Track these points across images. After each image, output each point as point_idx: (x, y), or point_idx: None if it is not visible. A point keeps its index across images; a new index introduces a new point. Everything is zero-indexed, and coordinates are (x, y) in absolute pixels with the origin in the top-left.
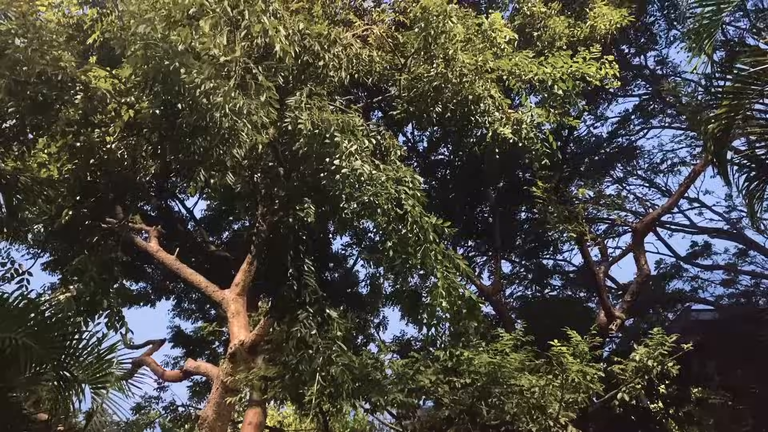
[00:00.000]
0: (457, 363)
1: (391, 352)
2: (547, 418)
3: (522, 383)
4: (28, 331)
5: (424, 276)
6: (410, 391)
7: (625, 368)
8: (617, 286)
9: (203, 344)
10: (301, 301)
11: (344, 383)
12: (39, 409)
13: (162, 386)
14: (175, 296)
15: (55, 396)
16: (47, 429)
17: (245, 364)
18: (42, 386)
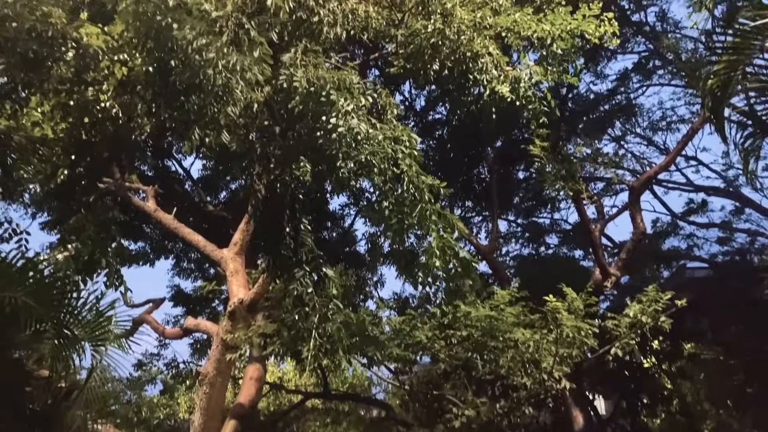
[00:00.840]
0: (453, 319)
1: (389, 310)
2: (541, 372)
3: (517, 337)
4: (27, 290)
5: (421, 236)
6: (407, 347)
7: (619, 324)
8: (613, 244)
9: (203, 303)
10: (297, 259)
11: (341, 339)
12: (41, 367)
13: (163, 344)
14: (174, 256)
15: (56, 354)
16: (48, 385)
17: (244, 322)
18: (43, 344)
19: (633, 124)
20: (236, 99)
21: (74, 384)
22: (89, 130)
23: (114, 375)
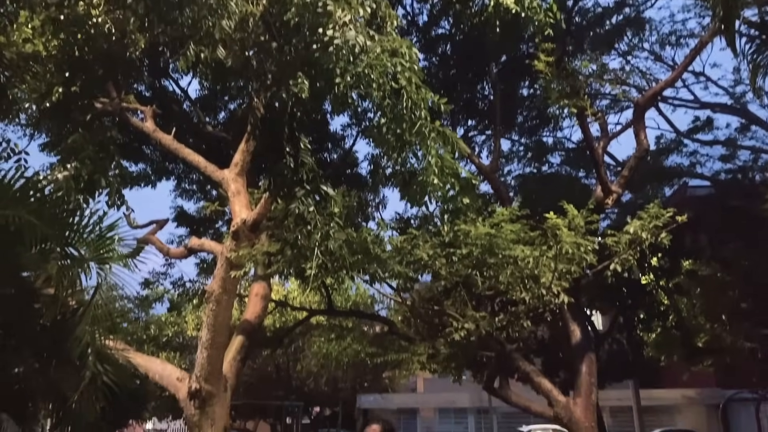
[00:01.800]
0: (454, 237)
1: (391, 229)
2: (540, 287)
3: (516, 254)
4: (29, 209)
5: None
6: (408, 265)
7: (619, 241)
8: (616, 162)
9: (206, 224)
10: (298, 178)
11: (343, 257)
12: (48, 286)
13: (169, 263)
14: (175, 177)
15: (62, 273)
16: (56, 303)
17: (248, 241)
18: (50, 265)
19: (641, 39)
20: (231, 12)
21: (81, 302)
22: (82, 47)
23: (121, 293)
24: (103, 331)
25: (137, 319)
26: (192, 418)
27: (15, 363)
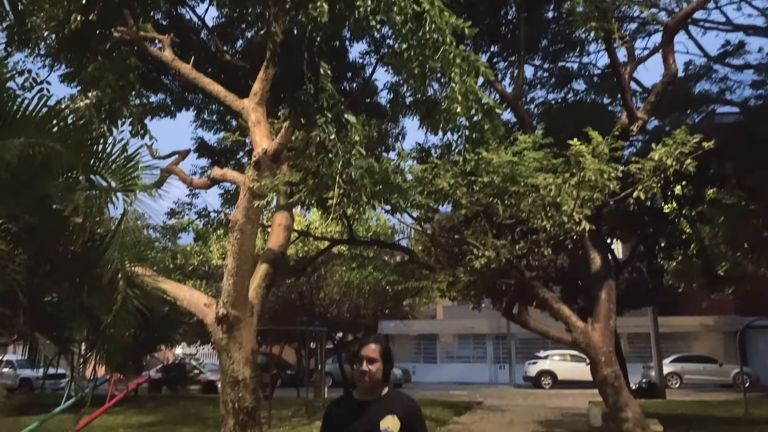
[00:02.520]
0: (475, 166)
1: (411, 159)
2: (561, 215)
3: (538, 182)
4: (54, 137)
5: (444, 83)
6: (429, 194)
7: (643, 168)
8: (642, 89)
9: (227, 154)
10: (318, 106)
11: (364, 186)
12: (76, 215)
13: (193, 193)
14: (195, 108)
15: (89, 204)
16: (84, 230)
17: (270, 171)
18: (76, 195)
19: None
20: None
21: (109, 230)
22: None
23: (147, 223)
24: (131, 259)
25: (164, 249)
26: (220, 341)
27: (49, 288)
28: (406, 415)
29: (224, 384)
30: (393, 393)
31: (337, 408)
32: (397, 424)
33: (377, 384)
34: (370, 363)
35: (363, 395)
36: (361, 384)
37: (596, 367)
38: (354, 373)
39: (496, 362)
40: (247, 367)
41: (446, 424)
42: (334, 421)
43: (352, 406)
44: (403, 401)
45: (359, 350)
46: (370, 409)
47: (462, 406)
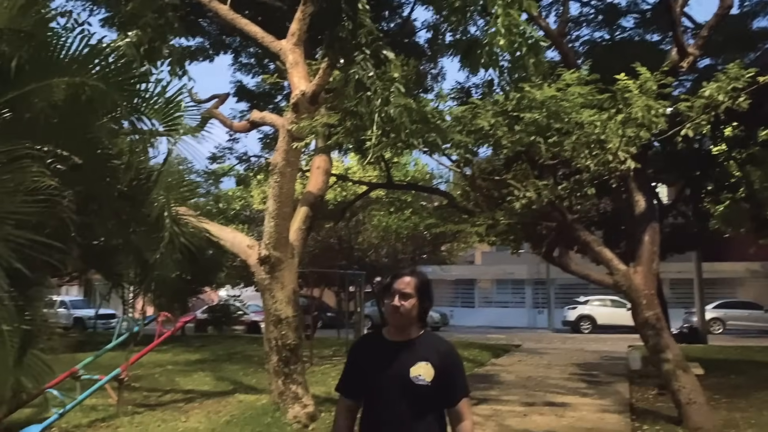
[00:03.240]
0: (516, 104)
1: (451, 100)
2: (606, 154)
3: (583, 118)
4: (97, 76)
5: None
6: (469, 134)
7: (693, 105)
8: (694, 24)
9: (266, 98)
10: (357, 42)
11: (402, 125)
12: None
13: (233, 138)
14: (233, 50)
15: (133, 147)
16: (129, 169)
17: (308, 113)
18: (120, 139)
19: None
20: None
21: (151, 171)
22: None
23: (190, 167)
24: (175, 199)
25: (207, 193)
26: (263, 282)
27: (98, 227)
28: (442, 363)
29: (268, 323)
30: (428, 336)
31: (364, 347)
32: (430, 372)
33: (410, 323)
34: (403, 298)
35: (394, 335)
36: (392, 321)
37: (637, 310)
38: (385, 308)
39: (534, 307)
40: (289, 306)
41: (484, 365)
42: (360, 361)
43: (380, 347)
44: (440, 346)
45: (392, 282)
46: (400, 351)
47: (500, 348)
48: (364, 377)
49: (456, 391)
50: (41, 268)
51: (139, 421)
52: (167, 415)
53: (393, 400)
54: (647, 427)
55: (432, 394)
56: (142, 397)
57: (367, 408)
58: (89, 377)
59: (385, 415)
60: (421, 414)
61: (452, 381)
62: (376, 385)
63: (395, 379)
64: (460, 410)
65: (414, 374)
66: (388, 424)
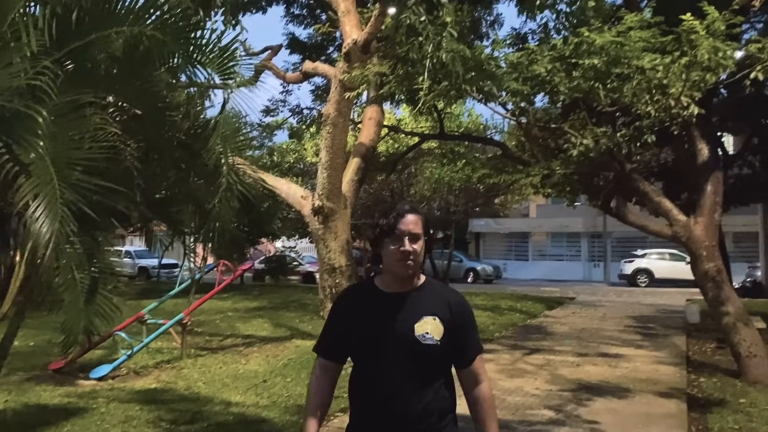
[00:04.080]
0: (574, 49)
1: (506, 47)
2: (668, 99)
3: (644, 63)
4: (154, 26)
5: None
6: (525, 81)
7: (764, 47)
8: None
9: (318, 49)
10: None
11: (455, 71)
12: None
13: (287, 90)
14: (285, 1)
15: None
16: (187, 118)
17: (360, 62)
18: (177, 93)
19: None
20: None
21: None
22: None
23: (244, 120)
24: (232, 150)
25: (261, 146)
26: (317, 231)
27: (159, 176)
28: (452, 317)
29: (322, 271)
30: (432, 285)
31: (353, 301)
32: (439, 329)
33: (417, 271)
34: (413, 240)
35: (391, 285)
36: (399, 271)
37: (697, 262)
38: (387, 255)
39: (590, 260)
40: (342, 256)
41: (537, 317)
42: (349, 319)
43: (375, 301)
44: (449, 297)
45: (396, 223)
46: (401, 306)
47: (554, 300)
48: (354, 337)
49: (470, 348)
50: (108, 214)
51: (202, 363)
52: (228, 358)
53: (394, 364)
54: (704, 380)
55: (441, 354)
56: (204, 341)
57: (359, 375)
58: (154, 321)
59: (383, 383)
60: (427, 379)
61: (465, 337)
62: (372, 348)
63: (396, 340)
64: (476, 370)
65: (420, 332)
66: (388, 394)
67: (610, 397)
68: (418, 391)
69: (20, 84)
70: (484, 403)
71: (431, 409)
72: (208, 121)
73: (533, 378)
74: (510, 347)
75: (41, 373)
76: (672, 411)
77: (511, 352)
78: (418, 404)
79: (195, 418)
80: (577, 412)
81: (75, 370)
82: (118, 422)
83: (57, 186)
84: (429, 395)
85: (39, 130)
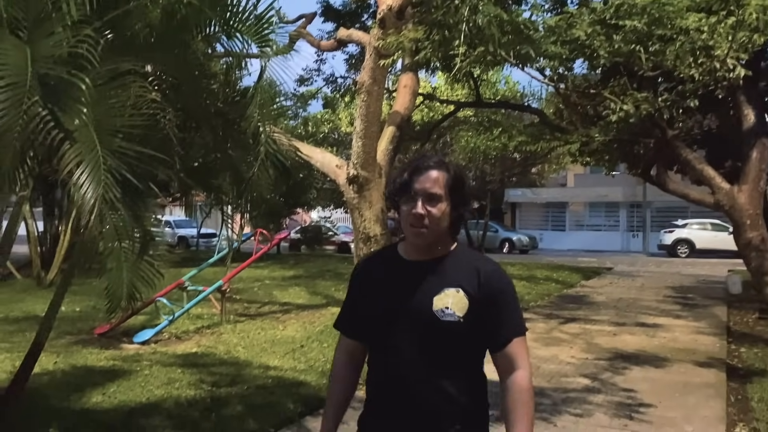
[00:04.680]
0: (615, 12)
1: (545, 12)
2: (712, 61)
3: (688, 23)
4: None
5: None
6: (563, 44)
7: None
8: None
9: (353, 17)
10: None
11: (492, 36)
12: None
13: (321, 58)
14: None
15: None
16: (225, 86)
17: (395, 29)
18: (214, 62)
19: None
20: None
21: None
22: None
23: (279, 90)
24: (268, 119)
25: (296, 115)
26: (352, 201)
27: (197, 144)
28: (482, 290)
29: (357, 240)
30: (463, 253)
31: (371, 269)
32: (462, 303)
33: (439, 238)
34: (429, 202)
35: (413, 253)
36: (412, 237)
37: (740, 231)
38: (402, 217)
39: (629, 231)
40: (377, 225)
41: (573, 287)
42: (366, 288)
43: (394, 269)
44: (480, 266)
45: (410, 180)
46: (422, 275)
47: (590, 271)
48: (368, 311)
49: (504, 328)
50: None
51: (241, 329)
52: (266, 324)
53: (405, 344)
54: (744, 350)
55: (464, 332)
56: (242, 308)
57: (373, 356)
58: (194, 288)
59: (392, 366)
60: (446, 364)
61: (499, 314)
62: (383, 325)
63: (411, 315)
64: (512, 355)
65: (438, 306)
66: (397, 380)
67: (647, 366)
68: (434, 382)
69: (62, 53)
70: (514, 394)
71: (445, 404)
72: (245, 90)
73: (569, 346)
74: (545, 316)
75: (87, 337)
76: (710, 380)
77: (546, 321)
78: (431, 396)
79: (235, 381)
80: (613, 380)
81: (119, 334)
82: (161, 384)
83: (100, 153)
84: (446, 387)
85: (82, 97)
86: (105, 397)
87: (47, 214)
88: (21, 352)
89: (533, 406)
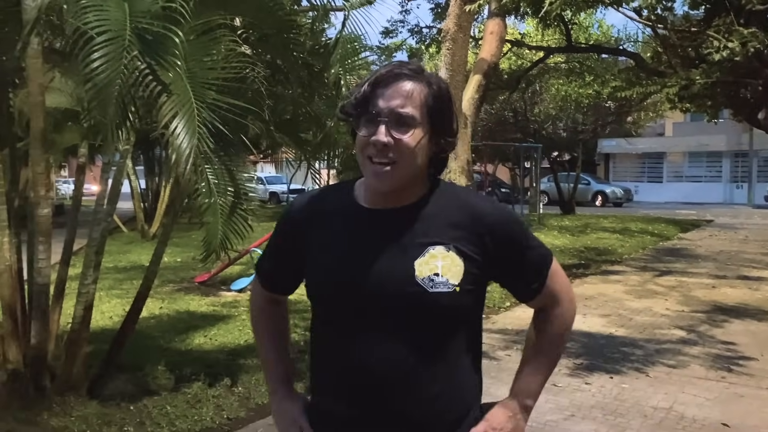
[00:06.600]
0: None
1: None
2: None
3: None
4: None
5: None
6: None
7: None
8: None
9: None
10: None
11: None
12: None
13: (405, 9)
14: None
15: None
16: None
17: None
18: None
19: None
20: None
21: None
22: None
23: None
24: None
25: None
26: None
27: (284, 98)
28: (481, 244)
29: None
30: (446, 193)
31: (314, 214)
32: (456, 266)
33: (412, 181)
34: (398, 126)
35: (376, 199)
36: (372, 177)
37: None
38: (357, 147)
39: (732, 182)
40: (462, 177)
41: (670, 240)
42: (302, 241)
43: (347, 220)
44: (476, 209)
45: (371, 94)
46: (390, 231)
47: (689, 223)
48: (312, 278)
49: (529, 274)
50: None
51: None
52: None
53: (378, 333)
54: None
55: (463, 306)
56: None
57: (324, 338)
58: None
59: (361, 355)
60: (442, 351)
61: (520, 265)
62: (343, 302)
63: (385, 290)
64: (551, 293)
65: (424, 273)
66: (369, 378)
67: (748, 320)
68: (425, 372)
69: (157, 8)
70: (554, 330)
71: (446, 400)
72: (329, 41)
73: (663, 299)
74: (639, 269)
75: (188, 285)
76: None
77: (640, 273)
78: (425, 393)
79: None
80: (710, 332)
81: (217, 283)
82: None
83: (194, 105)
84: (440, 375)
85: (177, 51)
86: (207, 338)
87: (148, 172)
88: (130, 298)
89: (565, 346)
